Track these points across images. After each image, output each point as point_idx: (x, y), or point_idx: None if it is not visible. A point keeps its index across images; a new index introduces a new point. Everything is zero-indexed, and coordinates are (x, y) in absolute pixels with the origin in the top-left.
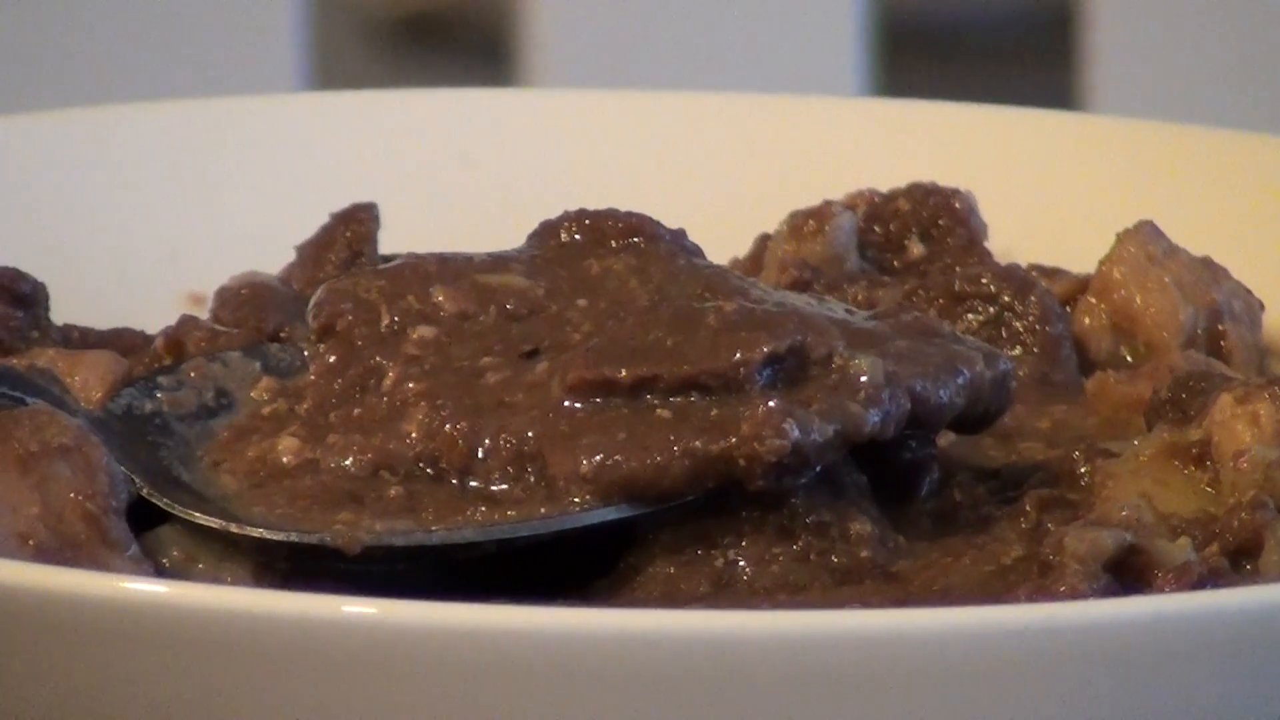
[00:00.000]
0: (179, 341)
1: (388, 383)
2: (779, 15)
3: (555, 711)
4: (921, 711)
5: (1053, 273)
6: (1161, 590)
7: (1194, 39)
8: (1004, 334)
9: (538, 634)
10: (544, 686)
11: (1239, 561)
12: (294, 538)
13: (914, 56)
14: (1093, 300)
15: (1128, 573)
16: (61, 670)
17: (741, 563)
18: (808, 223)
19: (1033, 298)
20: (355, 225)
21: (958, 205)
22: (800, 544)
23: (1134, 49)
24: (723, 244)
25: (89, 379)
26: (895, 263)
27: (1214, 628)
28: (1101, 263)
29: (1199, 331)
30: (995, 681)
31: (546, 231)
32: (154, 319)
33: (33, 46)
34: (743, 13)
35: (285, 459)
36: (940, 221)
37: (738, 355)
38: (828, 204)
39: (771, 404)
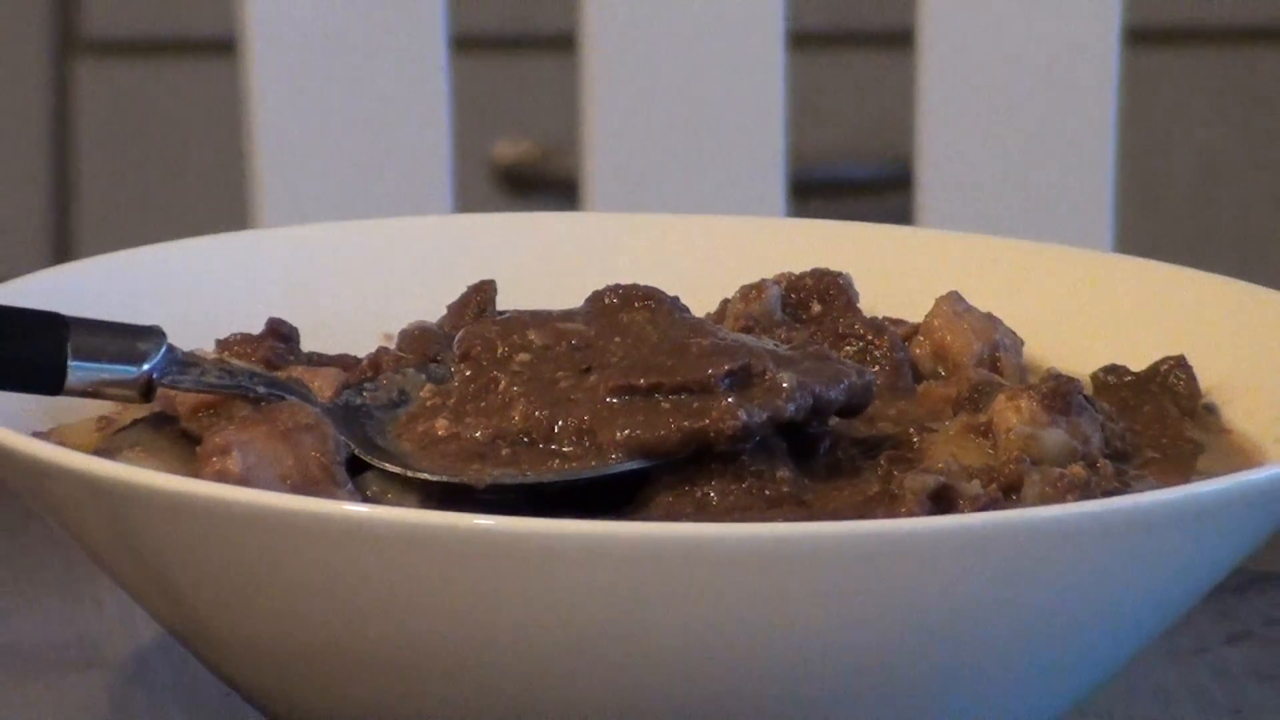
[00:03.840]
0: (377, 363)
1: (501, 387)
2: (737, 177)
3: (601, 586)
4: (818, 588)
5: (897, 322)
6: (963, 512)
7: (988, 184)
8: (868, 359)
9: (591, 537)
10: (594, 571)
11: (1009, 495)
12: (445, 479)
13: (814, 194)
14: (921, 339)
15: (942, 501)
16: (308, 563)
17: (712, 495)
18: (751, 292)
19: (885, 337)
20: (482, 293)
21: (841, 282)
22: (747, 483)
23: (950, 190)
24: (701, 306)
25: (323, 385)
26: (804, 316)
27: (994, 535)
28: (926, 316)
29: (985, 357)
30: (863, 569)
31: (596, 297)
32: (362, 349)
33: (281, 177)
34: (719, 174)
35: (439, 432)
36: (830, 292)
37: (710, 371)
38: (764, 281)
39: (730, 400)
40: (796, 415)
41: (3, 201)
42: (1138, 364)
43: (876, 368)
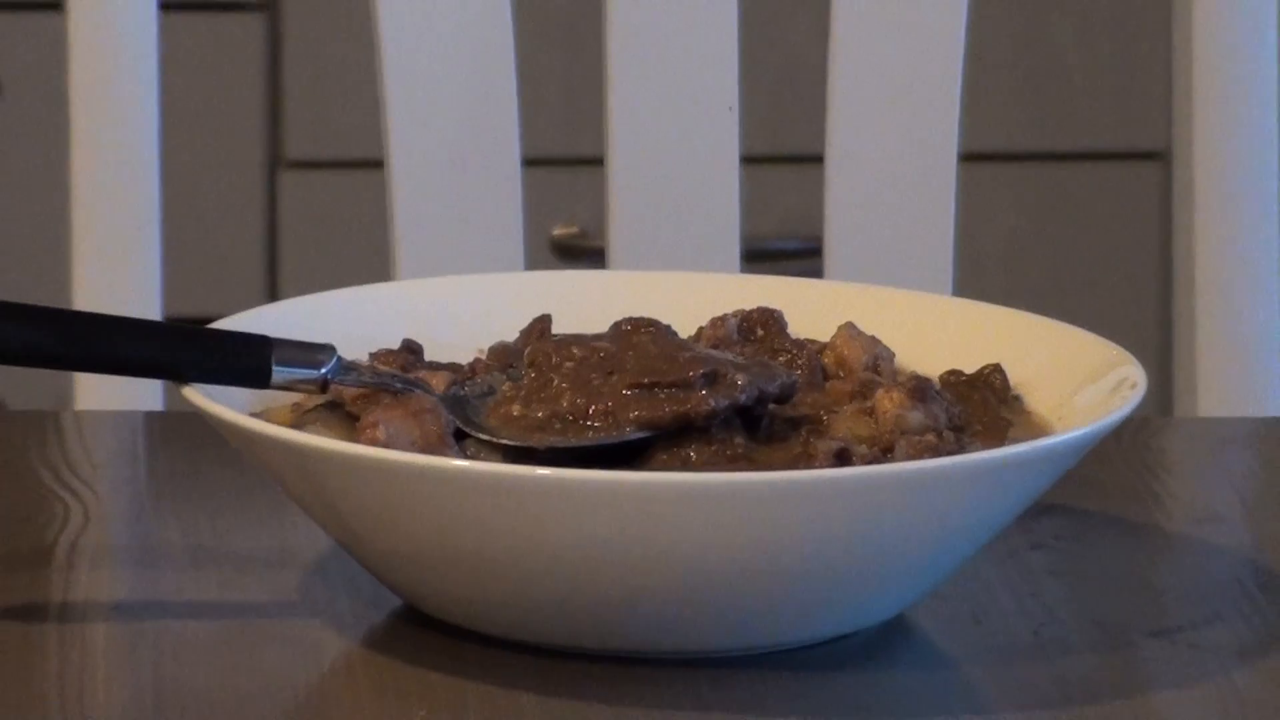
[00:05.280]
0: (474, 368)
1: (554, 384)
2: (709, 248)
3: (619, 514)
4: (762, 515)
5: (812, 341)
6: (855, 465)
7: (870, 254)
8: (794, 365)
9: (613, 482)
10: (615, 504)
11: (885, 454)
12: (518, 444)
13: (759, 260)
14: (828, 352)
15: (842, 459)
16: (429, 499)
17: (692, 455)
18: (718, 321)
19: (805, 351)
20: (543, 322)
21: (776, 315)
22: (715, 447)
23: (846, 258)
24: (685, 330)
25: (438, 383)
26: (751, 337)
27: (877, 480)
28: (831, 338)
29: (870, 364)
30: (790, 503)
31: (616, 325)
32: (464, 359)
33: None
34: (697, 246)
35: (514, 413)
36: (769, 322)
37: (690, 373)
38: (725, 314)
39: (704, 392)
40: (747, 402)
41: (231, 269)
42: (970, 368)
43: (799, 371)
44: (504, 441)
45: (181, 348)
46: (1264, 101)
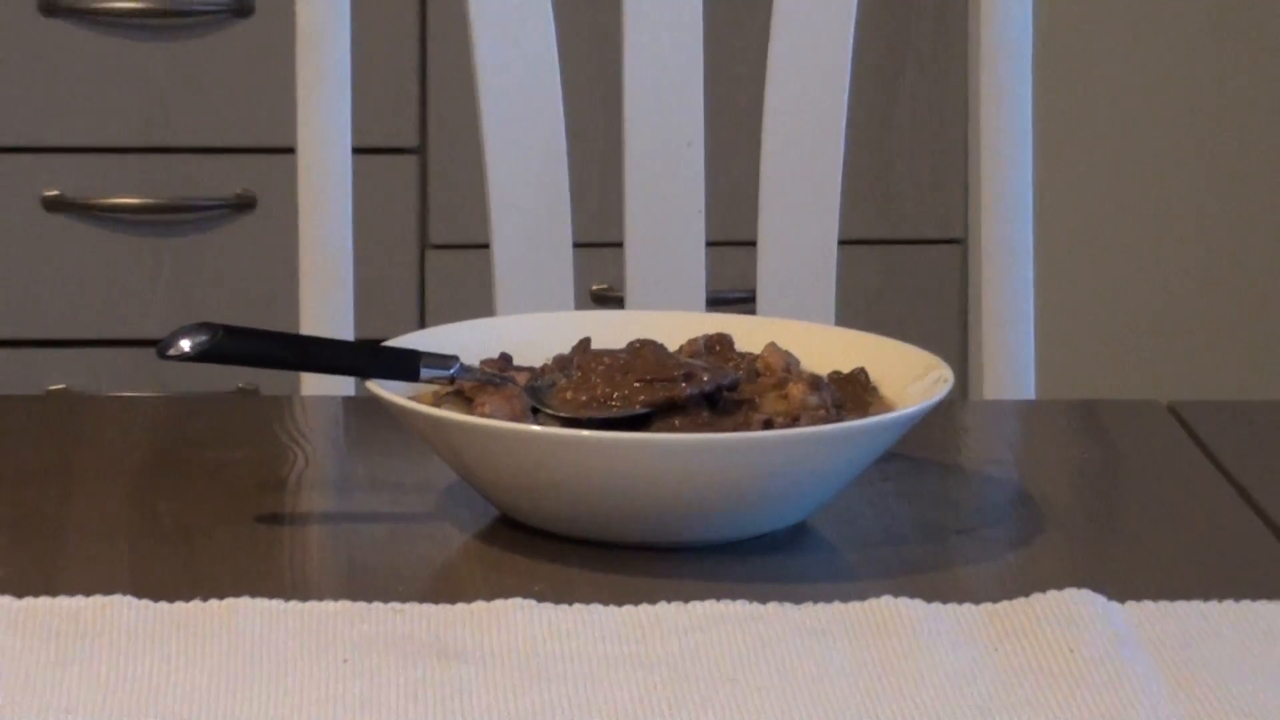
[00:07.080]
0: (543, 370)
1: (592, 379)
2: (686, 298)
3: (631, 460)
4: (719, 461)
5: (750, 353)
6: (776, 430)
7: (787, 302)
8: (738, 369)
9: (629, 440)
10: (628, 455)
11: (795, 423)
12: (571, 416)
13: (718, 304)
14: (760, 360)
15: (768, 426)
16: (516, 452)
17: (677, 423)
18: (692, 341)
19: (745, 359)
20: (585, 342)
21: (729, 337)
22: (690, 418)
23: (775, 303)
24: (672, 346)
25: (521, 379)
26: (713, 351)
27: (790, 440)
28: (760, 352)
29: (785, 368)
30: (738, 453)
31: (630, 343)
32: (538, 363)
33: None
34: (679, 297)
35: (568, 398)
36: (724, 342)
37: (676, 373)
38: (696, 337)
39: (684, 384)
40: (710, 390)
41: (395, 310)
42: (845, 369)
43: (741, 372)
44: (562, 415)
45: (366, 358)
46: (1023, 208)
